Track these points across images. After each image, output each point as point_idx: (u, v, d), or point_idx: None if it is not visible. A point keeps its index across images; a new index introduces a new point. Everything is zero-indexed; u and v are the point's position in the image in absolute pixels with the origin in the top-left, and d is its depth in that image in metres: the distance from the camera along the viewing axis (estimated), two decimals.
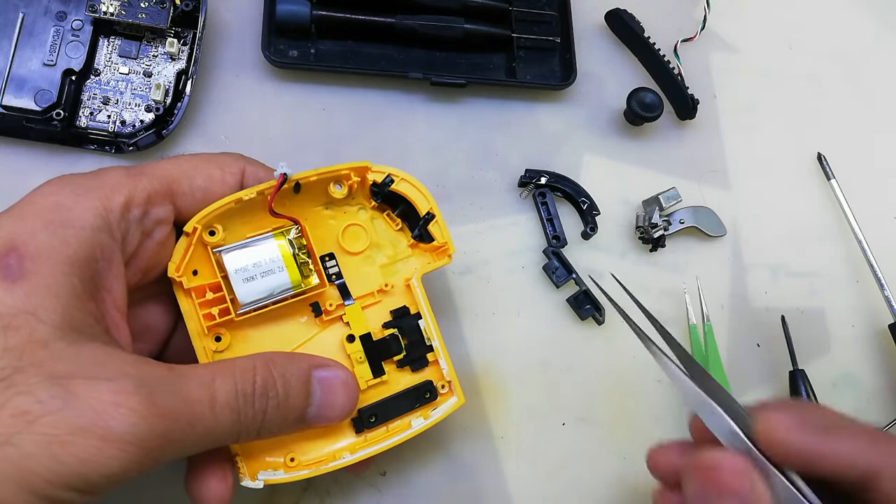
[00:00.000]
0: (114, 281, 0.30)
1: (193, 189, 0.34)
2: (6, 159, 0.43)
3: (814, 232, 0.52)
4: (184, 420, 0.27)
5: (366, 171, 0.37)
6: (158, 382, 0.27)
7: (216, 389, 0.29)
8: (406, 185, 0.38)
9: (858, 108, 0.55)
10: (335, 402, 0.33)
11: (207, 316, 0.34)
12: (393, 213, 0.39)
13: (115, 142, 0.43)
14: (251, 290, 0.35)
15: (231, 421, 0.29)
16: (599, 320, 0.46)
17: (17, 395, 0.25)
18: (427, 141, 0.48)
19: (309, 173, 0.36)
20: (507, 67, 0.50)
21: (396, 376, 0.38)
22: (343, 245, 0.39)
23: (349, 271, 0.38)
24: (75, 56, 0.44)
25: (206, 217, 0.34)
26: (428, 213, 0.38)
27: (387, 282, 0.39)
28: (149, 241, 0.32)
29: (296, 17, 0.46)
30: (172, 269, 0.33)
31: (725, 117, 0.53)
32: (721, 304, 0.49)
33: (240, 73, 0.47)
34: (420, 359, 0.38)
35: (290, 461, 0.35)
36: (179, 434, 0.27)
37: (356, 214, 0.39)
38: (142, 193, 0.32)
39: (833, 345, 0.50)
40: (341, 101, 0.48)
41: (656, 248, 0.48)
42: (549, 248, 0.47)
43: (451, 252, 0.38)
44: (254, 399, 0.30)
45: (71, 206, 0.29)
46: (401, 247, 0.40)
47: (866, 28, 0.57)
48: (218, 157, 0.35)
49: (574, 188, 0.48)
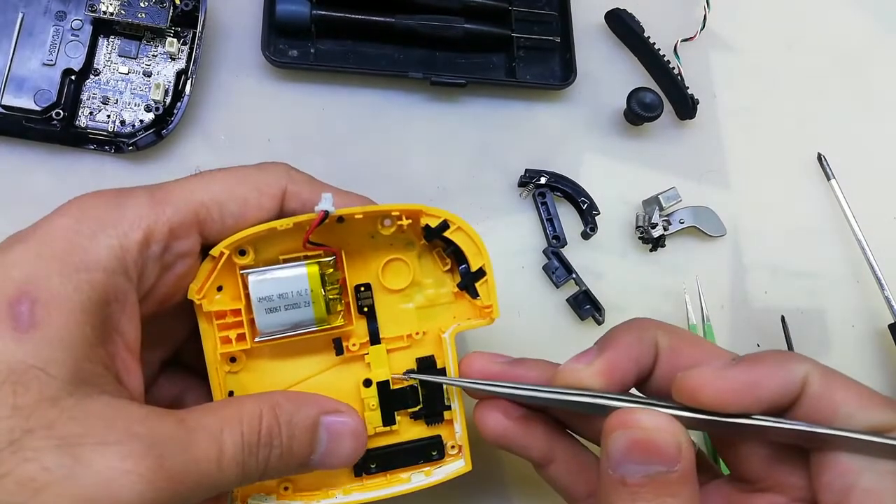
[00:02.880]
0: (127, 323, 0.29)
1: (224, 216, 0.31)
2: (6, 159, 0.43)
3: (814, 232, 0.52)
4: (192, 480, 0.27)
5: (420, 215, 0.34)
6: (168, 442, 0.26)
7: (224, 443, 0.28)
8: (461, 234, 0.35)
9: (858, 108, 0.55)
10: (341, 452, 0.32)
11: (224, 339, 0.33)
12: (444, 251, 0.36)
13: (115, 141, 0.43)
14: (272, 321, 0.33)
15: (235, 474, 0.28)
16: (599, 320, 0.46)
17: (24, 462, 0.24)
18: (427, 141, 0.48)
19: (355, 210, 0.33)
20: (507, 67, 0.50)
21: (407, 426, 0.36)
22: (382, 280, 0.36)
23: (383, 307, 0.36)
24: (75, 56, 0.44)
25: (236, 242, 0.32)
26: (480, 269, 0.35)
27: (420, 328, 0.36)
28: (169, 274, 0.31)
29: (296, 17, 0.46)
30: (193, 290, 0.32)
31: (725, 117, 0.53)
32: (721, 304, 0.49)
33: (240, 72, 0.47)
34: (436, 415, 0.36)
35: (283, 489, 0.34)
36: (186, 493, 0.27)
37: (403, 249, 0.36)
38: (163, 228, 0.30)
39: (833, 345, 0.50)
40: (341, 101, 0.48)
41: (656, 248, 0.48)
42: (549, 248, 0.47)
43: (495, 316, 0.35)
44: (258, 449, 0.29)
45: (87, 246, 0.28)
46: (444, 289, 0.37)
47: (866, 28, 0.57)
48: (257, 174, 0.33)
49: (574, 188, 0.48)
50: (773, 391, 0.29)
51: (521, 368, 0.34)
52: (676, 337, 0.32)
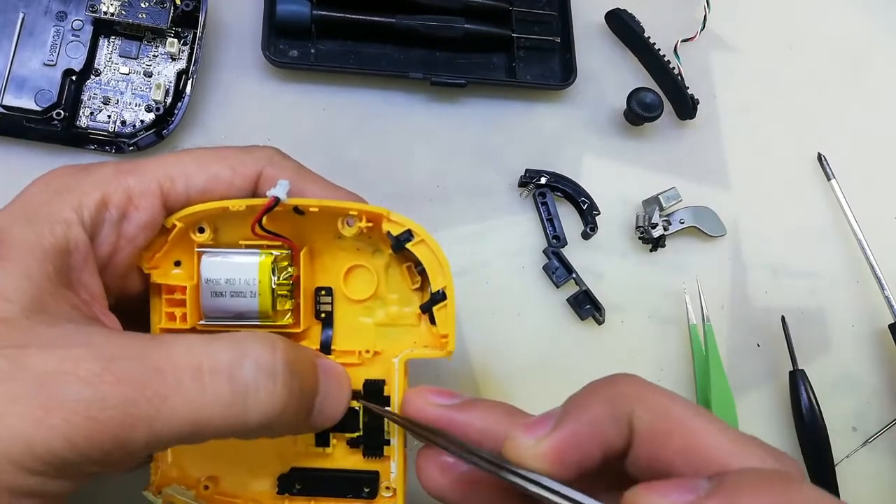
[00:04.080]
0: (89, 277, 0.29)
1: (189, 190, 0.31)
2: (6, 159, 0.43)
3: (814, 232, 0.52)
4: (152, 389, 0.24)
5: (381, 219, 0.31)
6: (128, 350, 0.24)
7: (204, 355, 0.25)
8: (424, 248, 0.31)
9: (858, 108, 0.55)
10: (338, 396, 0.30)
11: (169, 316, 0.32)
12: (415, 268, 0.33)
13: (116, 142, 0.43)
14: (216, 305, 0.31)
15: (230, 395, 0.25)
16: (599, 320, 0.46)
17: None
18: (427, 141, 0.48)
19: (310, 202, 0.31)
20: (507, 67, 0.50)
21: (343, 452, 0.33)
22: (343, 288, 0.33)
23: (341, 317, 0.33)
24: (75, 56, 0.44)
25: (190, 216, 0.31)
26: (440, 291, 0.31)
27: (375, 346, 0.33)
28: (129, 245, 0.31)
29: (296, 17, 0.46)
30: (144, 257, 0.31)
31: (725, 117, 0.53)
32: (721, 304, 0.49)
33: (240, 72, 0.47)
34: (375, 448, 0.32)
35: (204, 488, 0.32)
36: (147, 407, 0.23)
37: (370, 256, 0.33)
38: (121, 194, 0.30)
39: (833, 345, 0.50)
40: (341, 101, 0.48)
41: (656, 248, 0.48)
42: (549, 248, 0.47)
43: (450, 349, 0.31)
44: (275, 371, 0.26)
45: (49, 201, 0.29)
46: (409, 309, 0.33)
47: (866, 28, 0.57)
48: (235, 153, 0.32)
49: (574, 188, 0.48)
50: None
51: (469, 414, 0.28)
52: (660, 415, 0.24)
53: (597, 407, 0.25)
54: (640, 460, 0.24)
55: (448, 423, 0.28)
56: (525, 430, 0.25)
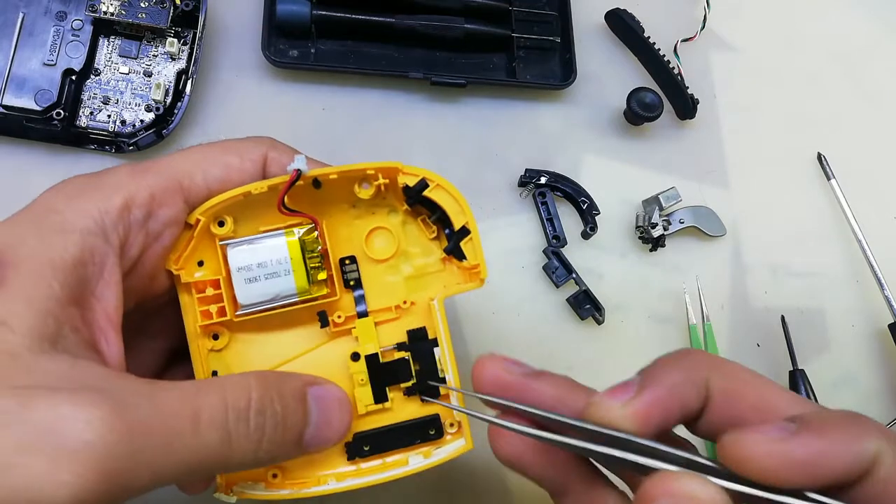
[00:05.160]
0: (105, 289, 0.28)
1: (208, 181, 0.31)
2: (6, 159, 0.43)
3: (814, 232, 0.52)
4: (157, 437, 0.24)
5: (396, 173, 0.33)
6: (130, 394, 0.25)
7: (200, 404, 0.26)
8: (441, 192, 0.33)
9: (858, 108, 0.55)
10: (332, 422, 0.31)
11: (205, 314, 0.32)
12: (429, 219, 0.35)
13: (116, 141, 0.43)
14: (252, 292, 0.32)
15: (219, 441, 0.26)
16: (599, 320, 0.46)
17: None
18: (427, 141, 0.48)
19: (329, 170, 0.32)
20: (507, 67, 0.50)
21: (401, 404, 0.34)
22: (367, 251, 0.35)
23: (370, 279, 0.35)
24: (75, 56, 0.44)
25: (212, 209, 0.31)
26: (463, 227, 0.33)
27: (408, 298, 0.35)
28: (157, 244, 0.31)
29: (296, 17, 0.46)
30: (171, 260, 0.32)
31: (725, 117, 0.53)
32: (721, 304, 0.49)
33: (240, 73, 0.47)
34: (431, 389, 0.34)
35: (272, 477, 0.32)
36: (152, 454, 0.24)
37: (386, 217, 0.35)
38: (144, 193, 0.30)
39: (833, 345, 0.50)
40: (341, 101, 0.48)
41: (656, 248, 0.48)
42: (549, 248, 0.47)
43: (483, 276, 0.33)
44: (249, 416, 0.27)
45: (62, 209, 0.28)
46: (432, 258, 0.35)
47: (866, 28, 0.57)
48: (236, 143, 0.33)
49: (574, 188, 0.48)
50: (837, 470, 0.24)
51: (542, 383, 0.29)
52: (732, 379, 0.27)
53: (675, 374, 0.27)
54: (715, 419, 0.27)
55: (523, 390, 0.29)
56: (610, 394, 0.27)
